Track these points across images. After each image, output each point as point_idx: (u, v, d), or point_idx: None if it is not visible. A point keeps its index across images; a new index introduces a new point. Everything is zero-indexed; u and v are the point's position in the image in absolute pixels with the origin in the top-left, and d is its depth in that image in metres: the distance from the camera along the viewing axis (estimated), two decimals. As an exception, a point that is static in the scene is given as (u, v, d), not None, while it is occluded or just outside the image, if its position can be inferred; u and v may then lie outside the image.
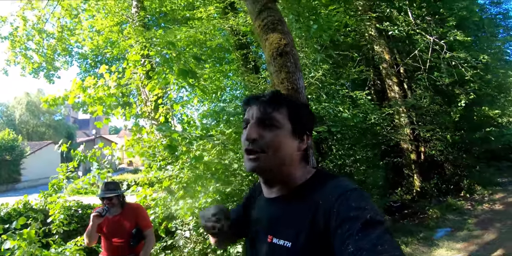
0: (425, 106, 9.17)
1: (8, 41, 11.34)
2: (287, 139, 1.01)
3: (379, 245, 0.75)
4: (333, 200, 0.88)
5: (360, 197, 0.88)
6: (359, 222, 0.80)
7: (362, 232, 0.78)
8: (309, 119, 1.09)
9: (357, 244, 0.76)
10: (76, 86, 5.24)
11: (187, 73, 3.56)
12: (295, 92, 3.13)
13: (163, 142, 4.46)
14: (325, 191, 0.93)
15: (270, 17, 3.51)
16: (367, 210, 0.83)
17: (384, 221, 0.82)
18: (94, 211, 3.07)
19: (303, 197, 0.98)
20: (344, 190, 0.90)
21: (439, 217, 7.43)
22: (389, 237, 0.78)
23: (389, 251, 0.73)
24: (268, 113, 1.02)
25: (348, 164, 7.09)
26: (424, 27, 9.04)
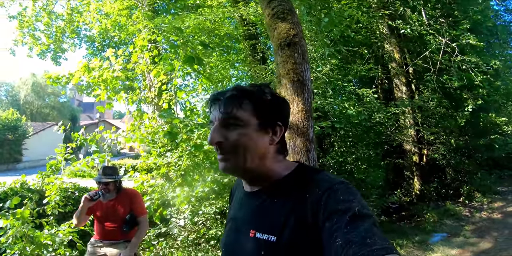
0: (432, 109, 9.09)
1: (17, 21, 11.29)
2: (255, 135, 0.96)
3: (367, 237, 0.74)
4: (320, 193, 0.86)
5: (347, 190, 0.87)
6: (347, 215, 0.79)
7: (351, 225, 0.77)
8: (280, 109, 1.01)
9: (346, 237, 0.75)
10: (82, 67, 5.21)
11: (193, 60, 3.50)
12: (301, 83, 3.07)
13: (164, 128, 4.44)
14: (311, 184, 0.91)
15: (280, 6, 3.44)
16: (355, 203, 0.82)
17: (372, 215, 0.82)
18: (88, 193, 3.07)
19: (287, 191, 0.95)
20: (331, 183, 0.89)
21: (436, 221, 7.42)
22: (377, 230, 0.77)
23: (378, 243, 0.72)
24: (229, 113, 0.95)
25: (349, 162, 7.07)
26: (437, 28, 8.92)
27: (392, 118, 8.27)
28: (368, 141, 7.60)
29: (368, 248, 0.71)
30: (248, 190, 1.06)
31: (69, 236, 4.14)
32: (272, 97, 0.99)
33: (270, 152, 0.99)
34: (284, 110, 1.03)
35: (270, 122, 0.98)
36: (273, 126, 0.98)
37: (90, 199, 3.01)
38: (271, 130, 0.98)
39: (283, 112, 1.02)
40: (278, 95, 1.03)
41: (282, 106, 1.02)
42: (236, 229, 1.06)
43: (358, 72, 7.51)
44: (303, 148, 2.97)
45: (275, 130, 0.98)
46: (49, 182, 4.84)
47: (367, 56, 9.06)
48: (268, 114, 0.97)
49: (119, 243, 3.21)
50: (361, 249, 0.72)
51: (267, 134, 0.97)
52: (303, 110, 2.99)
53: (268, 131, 0.97)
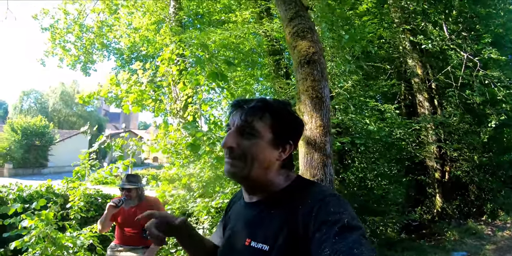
0: (454, 124, 8.94)
1: (49, 33, 11.79)
2: (266, 149, 1.00)
3: (355, 248, 0.76)
4: (312, 205, 0.89)
5: (338, 202, 0.90)
6: (336, 226, 0.82)
7: (339, 236, 0.79)
8: (294, 128, 1.06)
9: (334, 247, 0.77)
10: (110, 81, 5.45)
11: (217, 76, 3.64)
12: (319, 100, 3.16)
13: (188, 140, 4.56)
14: (305, 196, 0.94)
15: (300, 25, 3.55)
16: (345, 215, 0.85)
17: (361, 227, 0.83)
18: (112, 200, 3.19)
19: (283, 202, 0.98)
20: (323, 195, 0.92)
21: (457, 240, 7.24)
22: (365, 242, 0.79)
23: (365, 253, 0.74)
24: (248, 122, 1.00)
25: (369, 178, 7.00)
26: (458, 42, 8.83)
27: (413, 134, 8.18)
28: (389, 157, 7.52)
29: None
30: (247, 200, 1.10)
31: (90, 240, 4.26)
32: (291, 116, 1.05)
33: (275, 166, 1.02)
34: (298, 130, 1.07)
35: (283, 139, 1.02)
36: (285, 143, 1.02)
37: (114, 206, 3.12)
38: (281, 146, 1.02)
39: (297, 132, 1.07)
40: (297, 115, 1.09)
41: (297, 126, 1.07)
42: (233, 238, 1.09)
43: (380, 88, 7.50)
44: (320, 163, 3.04)
45: (285, 147, 1.03)
46: (73, 187, 5.01)
47: (390, 72, 9.04)
48: (283, 131, 1.02)
49: (138, 249, 3.32)
50: None
51: (277, 150, 1.01)
52: (321, 126, 3.07)
53: (278, 147, 1.02)
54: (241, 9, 8.06)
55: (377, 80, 7.92)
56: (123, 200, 3.19)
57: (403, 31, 9.26)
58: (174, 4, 8.36)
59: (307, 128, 3.09)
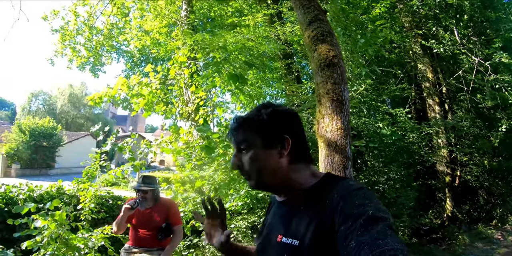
0: (465, 129, 8.90)
1: (59, 34, 11.88)
2: (262, 154, 1.04)
3: (380, 239, 0.76)
4: (338, 199, 0.91)
5: (364, 195, 0.91)
6: (361, 218, 0.82)
7: (364, 228, 0.80)
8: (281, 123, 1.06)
9: (359, 239, 0.77)
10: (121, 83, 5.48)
11: (237, 78, 3.64)
12: (340, 103, 3.16)
13: (201, 143, 4.57)
14: (332, 191, 0.95)
15: (320, 28, 3.55)
16: (370, 207, 0.85)
17: (386, 218, 0.83)
18: (127, 203, 3.16)
19: (312, 198, 1.00)
20: (349, 189, 0.94)
21: (467, 244, 7.21)
22: (391, 232, 0.79)
23: (390, 244, 0.74)
24: (237, 139, 1.07)
25: (381, 182, 6.98)
26: (469, 47, 8.83)
27: (425, 138, 8.16)
28: (401, 161, 7.50)
29: (379, 249, 0.73)
30: (279, 199, 1.13)
31: (101, 241, 4.28)
32: (269, 115, 1.06)
33: (283, 164, 1.04)
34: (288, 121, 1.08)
35: (274, 137, 1.04)
36: (279, 140, 1.04)
37: (130, 208, 3.10)
38: (278, 144, 1.03)
39: (286, 124, 1.07)
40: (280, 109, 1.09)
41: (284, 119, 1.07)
42: (268, 235, 1.12)
43: (391, 92, 7.49)
44: (341, 165, 3.03)
45: (282, 143, 1.03)
46: (83, 188, 5.02)
47: (401, 76, 9.03)
48: (270, 131, 1.04)
49: (153, 251, 3.29)
50: (372, 250, 0.74)
51: (275, 149, 1.03)
52: (341, 128, 3.07)
53: (275, 146, 1.03)
54: (252, 13, 8.09)
55: (388, 85, 7.91)
56: (138, 202, 3.17)
57: (414, 35, 9.26)
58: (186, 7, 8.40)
59: (328, 130, 3.09)
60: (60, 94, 48.28)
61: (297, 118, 1.10)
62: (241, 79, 3.66)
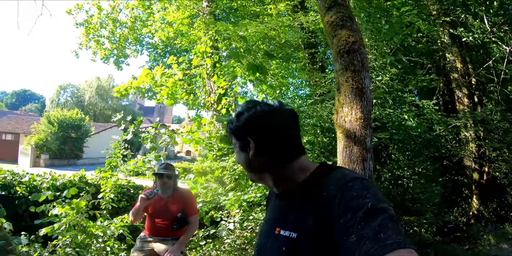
0: (495, 122, 8.52)
1: (83, 28, 12.13)
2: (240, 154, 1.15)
3: (381, 232, 0.75)
4: (335, 191, 0.91)
5: (361, 186, 0.90)
6: (360, 211, 0.81)
7: (364, 221, 0.79)
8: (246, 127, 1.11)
9: (360, 233, 0.77)
10: (145, 74, 5.53)
11: (257, 69, 3.58)
12: (360, 91, 3.03)
13: (222, 133, 4.56)
14: (328, 182, 0.96)
15: (339, 14, 3.42)
16: (368, 198, 0.85)
17: (386, 209, 0.82)
18: (143, 193, 3.16)
19: (308, 190, 1.02)
20: (345, 180, 0.93)
21: (492, 244, 6.97)
22: (392, 224, 0.78)
23: (392, 237, 0.73)
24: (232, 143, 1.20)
25: (406, 176, 6.79)
26: (500, 36, 8.39)
27: (452, 131, 7.86)
28: (427, 155, 7.27)
29: (381, 243, 0.72)
30: (276, 192, 1.16)
31: (120, 229, 4.34)
32: (236, 121, 1.13)
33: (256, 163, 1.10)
34: (255, 123, 1.10)
35: (242, 140, 1.12)
36: (248, 142, 1.10)
37: (146, 199, 3.10)
38: (247, 146, 1.10)
39: (253, 126, 1.10)
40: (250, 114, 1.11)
41: (251, 122, 1.11)
42: (266, 229, 1.15)
43: (419, 83, 7.23)
44: (360, 157, 2.92)
45: (250, 146, 1.09)
46: (104, 177, 5.10)
47: (428, 66, 8.72)
48: (238, 135, 1.13)
49: (168, 240, 3.30)
50: (374, 244, 0.73)
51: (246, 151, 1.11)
52: (361, 119, 2.95)
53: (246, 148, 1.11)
54: (275, 2, 7.99)
55: (415, 75, 7.65)
56: (155, 192, 3.16)
57: (442, 23, 8.89)
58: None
59: (347, 120, 2.97)
60: (88, 87, 49.62)
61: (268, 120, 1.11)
62: (261, 69, 3.58)
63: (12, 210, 4.97)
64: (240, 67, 4.46)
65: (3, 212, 3.58)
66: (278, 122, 1.11)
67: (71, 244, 3.63)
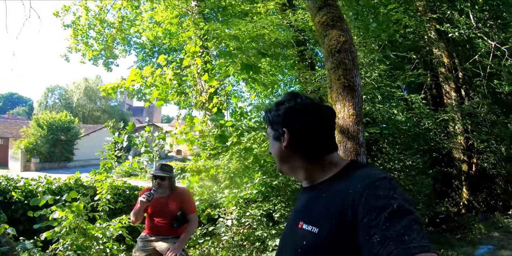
0: (482, 115, 8.70)
1: (71, 29, 12.00)
2: (273, 143, 1.17)
3: (406, 234, 0.75)
4: (361, 189, 0.89)
5: (388, 186, 0.89)
6: (386, 211, 0.81)
7: (389, 222, 0.78)
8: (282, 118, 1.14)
9: (384, 234, 0.77)
10: (134, 74, 5.53)
11: (250, 68, 3.64)
12: (351, 89, 3.14)
13: (215, 132, 4.60)
14: (355, 180, 0.95)
15: (330, 14, 3.52)
16: (395, 199, 0.84)
17: (412, 210, 0.82)
18: (143, 195, 3.18)
19: (334, 186, 1.02)
20: (373, 179, 0.92)
21: (483, 233, 7.10)
22: (417, 227, 0.78)
23: (417, 240, 0.73)
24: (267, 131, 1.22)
25: (397, 169, 6.91)
26: (485, 31, 8.56)
27: (441, 124, 8.01)
28: (417, 148, 7.41)
29: (405, 246, 0.73)
30: (304, 185, 1.17)
31: (119, 230, 4.36)
32: (276, 110, 1.16)
33: (288, 154, 1.13)
34: (293, 114, 1.13)
35: (277, 130, 1.14)
36: (282, 133, 1.12)
37: (145, 201, 3.13)
38: (282, 136, 1.12)
39: (290, 117, 1.13)
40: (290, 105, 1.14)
41: (289, 113, 1.13)
42: (291, 221, 1.14)
43: (407, 78, 7.36)
44: (353, 152, 3.03)
45: (284, 136, 1.11)
46: (99, 179, 5.11)
47: (416, 61, 8.86)
48: (274, 125, 1.16)
49: (169, 239, 3.32)
50: (397, 246, 0.73)
51: (280, 141, 1.13)
52: (353, 115, 3.05)
53: (279, 138, 1.13)
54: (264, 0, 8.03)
55: (403, 70, 7.78)
56: (153, 192, 3.20)
57: (429, 19, 9.04)
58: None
59: (340, 117, 3.08)
60: (76, 88, 48.99)
61: (307, 111, 1.13)
62: (254, 68, 3.65)
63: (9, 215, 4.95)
64: (233, 66, 4.52)
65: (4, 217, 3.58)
66: (316, 117, 1.12)
67: (72, 247, 3.65)
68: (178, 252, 3.16)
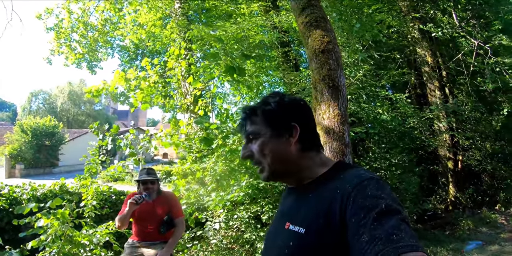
0: (466, 113, 8.84)
1: (54, 32, 11.80)
2: (271, 142, 1.04)
3: (394, 234, 0.74)
4: (350, 189, 0.88)
5: (377, 185, 0.88)
6: (374, 211, 0.80)
7: (377, 221, 0.78)
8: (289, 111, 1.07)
9: (372, 233, 0.76)
10: (118, 77, 5.44)
11: (234, 70, 3.61)
12: (336, 89, 3.12)
13: (200, 134, 4.55)
14: (343, 180, 0.94)
15: (313, 14, 3.50)
16: (383, 198, 0.83)
17: (400, 210, 0.81)
18: (132, 198, 3.11)
19: (321, 186, 0.99)
20: (361, 179, 0.90)
21: (471, 229, 7.21)
22: (405, 227, 0.77)
23: (405, 240, 0.72)
24: (246, 130, 1.09)
25: (383, 168, 6.95)
26: (468, 30, 8.70)
27: (426, 123, 8.10)
28: (403, 146, 7.47)
29: (393, 245, 0.72)
30: (289, 185, 1.14)
31: (106, 237, 4.28)
32: (277, 104, 1.06)
33: (293, 151, 1.04)
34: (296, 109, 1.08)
35: (282, 125, 1.04)
36: (287, 127, 1.04)
37: (135, 204, 3.07)
38: (286, 132, 1.04)
39: (295, 112, 1.07)
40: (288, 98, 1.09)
41: (291, 108, 1.07)
42: (276, 222, 1.12)
43: (391, 77, 7.41)
44: (339, 152, 3.01)
45: (291, 131, 1.04)
46: (84, 185, 5.01)
47: (400, 61, 8.95)
48: (277, 120, 1.05)
49: (156, 244, 3.27)
50: (386, 246, 0.72)
51: (283, 137, 1.04)
52: (338, 115, 3.04)
53: (283, 134, 1.04)
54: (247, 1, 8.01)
55: (387, 70, 7.84)
56: (143, 197, 3.14)
57: (412, 19, 9.15)
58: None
59: (325, 117, 3.06)
60: (60, 92, 48.33)
61: (305, 107, 1.11)
62: (238, 71, 3.61)
63: (-6, 224, 4.83)
64: (217, 68, 4.47)
65: (-9, 226, 3.48)
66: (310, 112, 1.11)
67: (59, 255, 3.57)
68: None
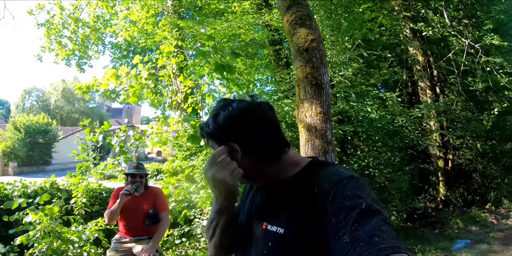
0: (457, 112, 8.89)
1: (44, 28, 11.71)
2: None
3: (375, 235, 0.72)
4: (328, 189, 0.87)
5: (356, 185, 0.87)
6: (354, 211, 0.78)
7: (358, 222, 0.76)
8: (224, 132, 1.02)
9: (353, 235, 0.74)
10: (110, 74, 5.42)
11: (224, 68, 3.61)
12: (319, 87, 3.13)
13: (189, 132, 4.55)
14: (320, 179, 0.92)
15: (298, 12, 3.51)
16: (363, 198, 0.82)
17: (381, 210, 0.80)
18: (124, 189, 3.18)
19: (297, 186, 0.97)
20: (339, 178, 0.89)
21: (461, 228, 7.24)
22: (386, 227, 0.75)
23: (387, 241, 0.71)
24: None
25: (372, 166, 6.97)
26: (459, 29, 8.74)
27: (415, 121, 8.13)
28: (392, 145, 7.49)
29: (375, 247, 0.70)
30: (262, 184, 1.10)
31: (95, 234, 4.29)
32: (214, 124, 1.03)
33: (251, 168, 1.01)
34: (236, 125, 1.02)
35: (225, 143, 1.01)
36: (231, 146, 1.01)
37: (127, 194, 3.14)
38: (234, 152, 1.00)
39: (231, 130, 1.02)
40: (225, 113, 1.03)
41: (231, 124, 1.02)
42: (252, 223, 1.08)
43: (381, 76, 7.41)
44: (321, 150, 3.01)
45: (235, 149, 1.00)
46: (74, 183, 5.00)
47: (391, 60, 8.97)
48: (219, 138, 1.03)
49: (143, 240, 3.32)
50: (368, 247, 0.71)
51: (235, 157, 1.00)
52: (321, 113, 3.04)
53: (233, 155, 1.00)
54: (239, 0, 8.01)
55: (378, 68, 7.86)
56: (135, 187, 3.21)
57: (403, 18, 9.18)
58: (172, -4, 8.31)
59: (307, 115, 3.07)
60: (53, 90, 48.11)
61: (250, 116, 1.03)
62: (228, 68, 3.62)
63: (-15, 221, 4.81)
64: (208, 66, 4.46)
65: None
66: (259, 117, 1.03)
67: (48, 251, 3.57)
68: (151, 252, 3.15)
